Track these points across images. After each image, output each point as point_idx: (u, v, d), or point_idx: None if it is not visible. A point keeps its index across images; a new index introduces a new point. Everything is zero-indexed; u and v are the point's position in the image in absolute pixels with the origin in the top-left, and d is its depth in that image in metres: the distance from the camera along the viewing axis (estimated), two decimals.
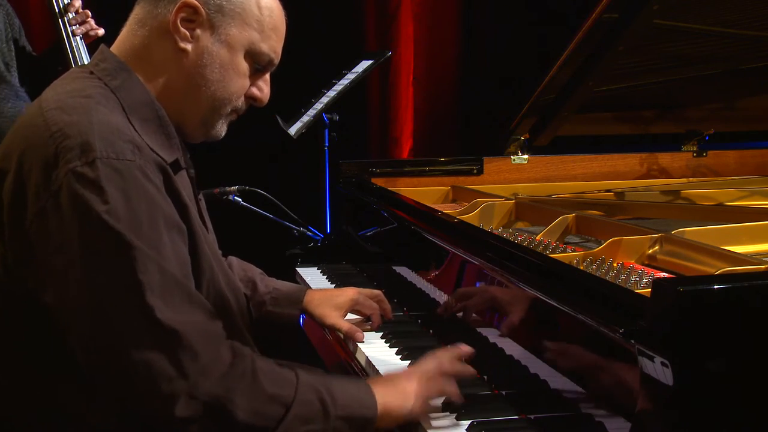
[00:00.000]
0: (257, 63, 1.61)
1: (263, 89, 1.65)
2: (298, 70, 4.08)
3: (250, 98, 1.64)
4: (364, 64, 3.47)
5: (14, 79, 2.89)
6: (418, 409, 1.53)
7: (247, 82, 1.62)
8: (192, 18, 1.55)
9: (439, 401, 1.63)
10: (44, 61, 2.99)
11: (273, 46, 1.61)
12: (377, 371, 1.83)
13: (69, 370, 1.44)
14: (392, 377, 1.58)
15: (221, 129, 1.65)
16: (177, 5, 1.54)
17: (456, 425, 1.55)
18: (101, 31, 2.96)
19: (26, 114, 1.54)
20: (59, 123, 1.44)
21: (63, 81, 1.59)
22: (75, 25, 2.90)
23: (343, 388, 1.47)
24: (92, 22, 2.95)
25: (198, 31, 1.56)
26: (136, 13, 1.60)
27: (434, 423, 1.56)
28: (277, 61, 1.64)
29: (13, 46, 2.91)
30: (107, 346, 1.37)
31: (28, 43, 3.04)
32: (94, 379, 1.41)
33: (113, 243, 1.36)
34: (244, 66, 1.60)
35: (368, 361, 1.89)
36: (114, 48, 1.62)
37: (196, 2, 1.54)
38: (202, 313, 1.43)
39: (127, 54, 1.59)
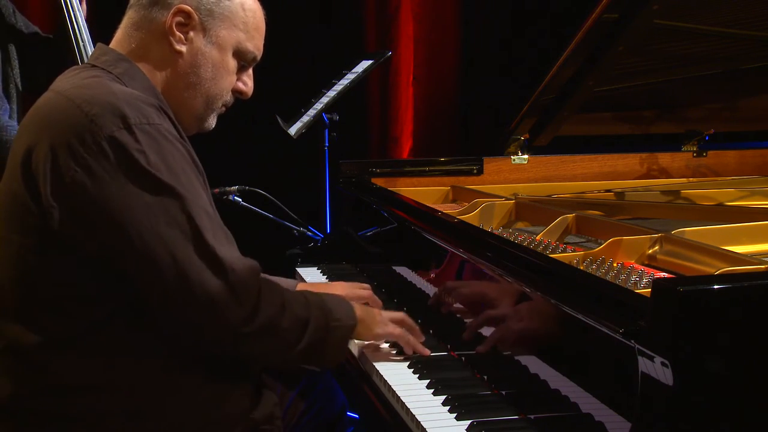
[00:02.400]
0: (243, 60, 1.77)
1: (248, 83, 1.81)
2: (298, 70, 4.10)
3: (236, 92, 1.79)
4: (364, 64, 3.47)
5: None
6: (384, 325, 1.84)
7: (234, 78, 1.77)
8: (186, 22, 1.69)
9: (439, 399, 1.64)
10: (58, 41, 2.97)
11: (257, 44, 1.77)
12: (378, 372, 1.83)
13: (105, 321, 1.55)
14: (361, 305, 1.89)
15: (212, 122, 1.80)
16: (172, 10, 1.68)
17: (456, 425, 1.55)
18: None
19: (40, 102, 1.64)
20: (83, 96, 1.56)
21: (67, 74, 1.70)
22: None
23: (333, 303, 1.75)
24: None
25: (191, 34, 1.70)
26: (130, 16, 1.72)
27: (434, 423, 1.57)
28: (259, 57, 1.80)
29: None
30: (174, 287, 1.52)
31: (30, 24, 3.01)
32: (160, 318, 1.56)
33: (167, 195, 1.52)
34: (233, 64, 1.75)
35: (368, 361, 1.89)
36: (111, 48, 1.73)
37: (189, 7, 1.68)
38: (237, 250, 1.61)
39: (127, 54, 1.70)
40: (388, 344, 1.97)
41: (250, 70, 1.81)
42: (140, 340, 1.57)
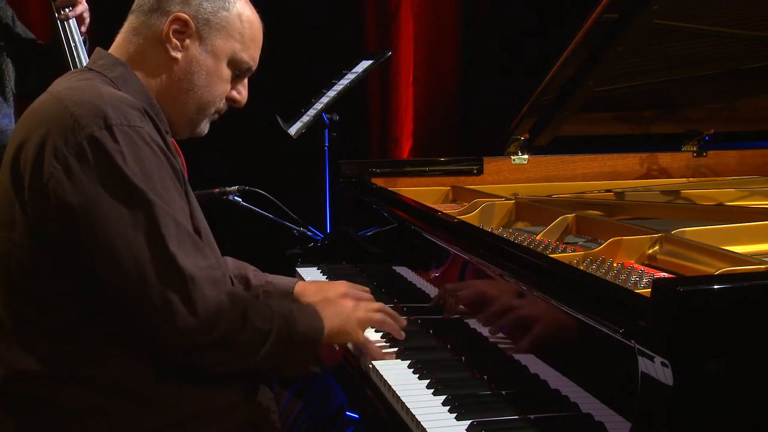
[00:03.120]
0: (237, 70, 1.80)
1: (242, 92, 1.84)
2: (298, 70, 4.09)
3: (230, 100, 1.83)
4: (364, 64, 3.47)
5: None
6: (357, 327, 1.86)
7: (228, 87, 1.81)
8: (183, 30, 1.73)
9: (439, 399, 1.64)
10: (52, 49, 2.98)
11: (252, 55, 1.81)
12: (378, 372, 1.83)
13: (91, 312, 1.58)
14: (336, 302, 1.91)
15: (205, 127, 1.84)
16: (170, 18, 1.73)
17: (456, 425, 1.55)
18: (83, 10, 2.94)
19: (36, 103, 1.69)
20: (72, 98, 1.60)
21: (64, 78, 1.75)
22: (65, 8, 2.89)
23: (301, 316, 1.74)
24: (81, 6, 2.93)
25: (187, 42, 1.74)
26: (131, 21, 1.78)
27: (434, 423, 1.57)
28: (254, 67, 1.83)
29: None
30: (133, 289, 1.54)
31: (27, 30, 3.02)
32: (118, 317, 1.58)
33: (137, 199, 1.54)
34: (227, 72, 1.79)
35: (371, 364, 1.89)
36: (111, 52, 1.78)
37: (187, 16, 1.73)
38: (207, 260, 1.62)
39: (124, 58, 1.75)
40: (387, 342, 1.97)
41: (245, 80, 1.84)
42: (131, 331, 1.60)
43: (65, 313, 1.58)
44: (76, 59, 2.90)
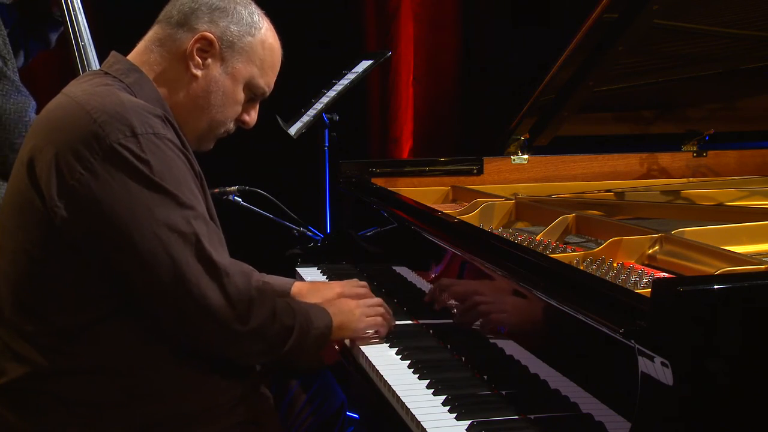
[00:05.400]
0: (252, 94, 1.85)
1: (252, 115, 1.89)
2: (298, 70, 4.09)
3: (239, 121, 1.88)
4: (364, 64, 3.47)
5: (12, 73, 2.86)
6: (361, 324, 1.94)
7: (240, 109, 1.85)
8: (207, 49, 1.77)
9: (439, 399, 1.64)
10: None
11: (268, 81, 1.86)
12: (378, 372, 1.83)
13: (108, 314, 1.60)
14: (336, 301, 1.97)
15: (211, 144, 1.88)
16: (196, 36, 1.76)
17: (456, 425, 1.55)
18: None
19: (51, 105, 1.70)
20: (93, 103, 1.62)
21: (79, 80, 1.76)
22: None
23: (314, 313, 1.82)
24: None
25: (209, 61, 1.77)
26: (156, 32, 1.80)
27: (434, 423, 1.57)
28: (268, 93, 1.88)
29: (8, 39, 2.88)
30: (170, 287, 1.57)
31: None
32: (156, 315, 1.61)
33: (169, 202, 1.58)
34: (242, 95, 1.83)
35: (368, 361, 1.89)
36: (131, 57, 1.79)
37: (213, 36, 1.76)
38: (229, 256, 1.68)
39: (143, 65, 1.77)
40: (387, 344, 1.98)
41: (257, 104, 1.88)
42: (144, 334, 1.62)
43: (82, 314, 1.60)
44: (83, 50, 2.88)
